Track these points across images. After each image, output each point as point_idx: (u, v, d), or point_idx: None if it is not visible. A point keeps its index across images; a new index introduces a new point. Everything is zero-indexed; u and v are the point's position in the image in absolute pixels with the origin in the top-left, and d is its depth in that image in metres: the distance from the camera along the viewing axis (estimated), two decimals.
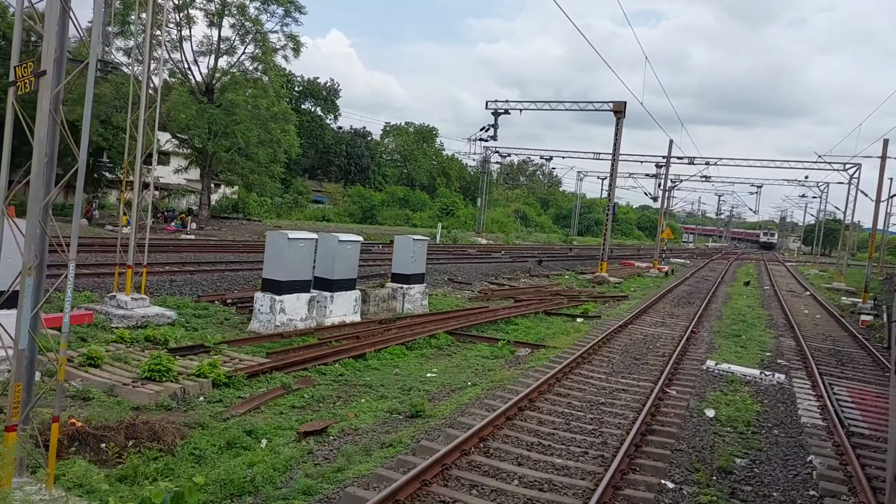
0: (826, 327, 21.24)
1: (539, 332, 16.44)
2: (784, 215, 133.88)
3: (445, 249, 37.90)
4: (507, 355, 13.58)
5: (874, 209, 28.22)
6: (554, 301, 21.61)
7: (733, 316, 21.51)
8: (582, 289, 27.43)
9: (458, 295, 22.14)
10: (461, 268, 28.71)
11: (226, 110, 36.54)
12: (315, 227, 45.18)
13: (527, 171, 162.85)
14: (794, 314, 23.53)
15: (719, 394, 11.33)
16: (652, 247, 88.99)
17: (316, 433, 8.05)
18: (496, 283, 26.67)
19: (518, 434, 8.17)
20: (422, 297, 17.69)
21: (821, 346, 17.44)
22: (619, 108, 31.31)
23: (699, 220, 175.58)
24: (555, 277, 31.17)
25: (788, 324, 20.58)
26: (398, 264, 17.35)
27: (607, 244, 32.19)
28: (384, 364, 12.01)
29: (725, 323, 19.86)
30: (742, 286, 34.28)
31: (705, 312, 21.83)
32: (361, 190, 70.27)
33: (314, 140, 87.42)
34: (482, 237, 55.49)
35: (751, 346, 16.22)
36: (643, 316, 19.85)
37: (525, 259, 36.26)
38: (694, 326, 18.18)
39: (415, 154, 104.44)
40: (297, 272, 13.52)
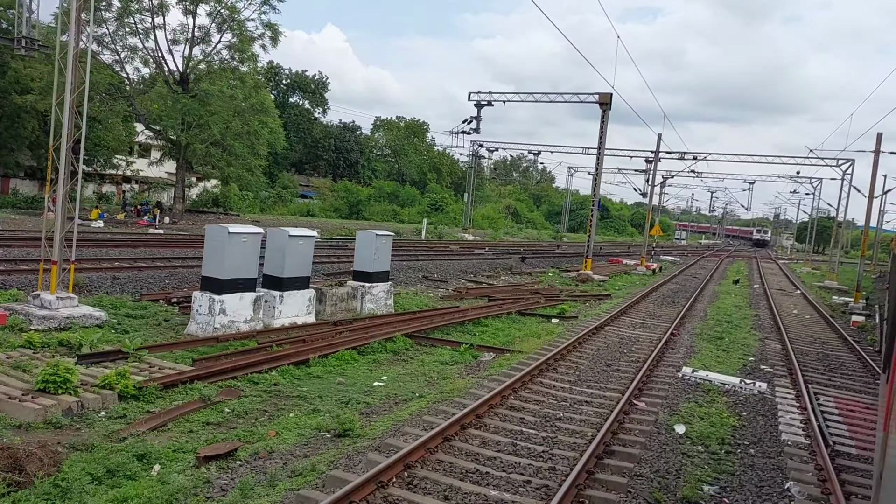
0: (815, 329, 20.27)
1: (509, 334, 15.39)
2: (778, 212, 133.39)
3: (427, 246, 36.84)
4: (469, 361, 12.52)
5: (867, 206, 27.29)
6: (530, 300, 20.58)
7: (718, 317, 20.52)
8: (564, 287, 26.40)
9: (431, 294, 21.08)
10: (440, 265, 27.65)
11: (200, 101, 35.34)
12: (296, 223, 44.06)
13: (520, 167, 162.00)
14: (783, 315, 22.56)
15: (693, 405, 10.31)
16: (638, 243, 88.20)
17: (219, 457, 6.98)
18: (474, 280, 25.62)
19: (454, 459, 7.12)
20: (386, 296, 16.62)
21: (808, 349, 16.45)
22: (605, 99, 30.26)
23: (693, 217, 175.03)
24: (538, 275, 30.14)
25: (775, 325, 19.59)
26: (360, 261, 16.26)
27: (592, 241, 31.17)
28: (329, 371, 10.94)
29: (709, 324, 18.86)
30: (731, 284, 33.34)
31: (689, 313, 20.84)
32: (348, 185, 69.12)
33: (302, 134, 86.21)
34: (469, 233, 54.45)
35: (733, 350, 15.21)
36: (623, 316, 18.83)
37: (509, 256, 35.22)
38: (675, 328, 17.18)
39: (405, 149, 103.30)
40: (239, 269, 12.43)
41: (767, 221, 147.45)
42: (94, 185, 50.55)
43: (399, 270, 24.01)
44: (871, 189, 27.11)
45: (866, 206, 27.33)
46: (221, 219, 40.27)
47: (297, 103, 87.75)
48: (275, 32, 37.80)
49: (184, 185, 38.00)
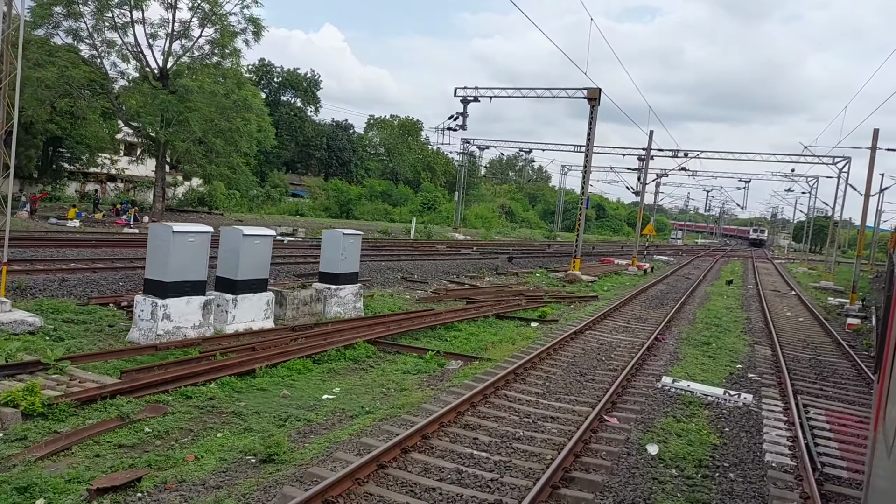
0: (808, 332, 19.40)
1: (483, 339, 14.51)
2: (775, 212, 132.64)
3: (413, 245, 35.94)
4: (433, 370, 11.63)
5: (863, 204, 26.44)
6: (511, 303, 19.69)
7: (707, 320, 19.65)
8: (550, 288, 25.53)
9: (409, 296, 20.19)
10: (422, 265, 26.76)
11: (180, 97, 34.37)
12: (281, 222, 43.16)
13: (516, 166, 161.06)
14: (775, 317, 21.70)
15: (671, 420, 9.44)
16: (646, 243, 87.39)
17: (117, 489, 6.08)
18: (456, 282, 24.73)
19: (385, 491, 6.23)
20: (355, 298, 15.71)
21: (800, 355, 15.58)
22: (593, 95, 29.37)
23: (691, 216, 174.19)
24: (524, 276, 29.26)
25: (767, 329, 18.72)
26: (326, 262, 15.36)
27: (580, 240, 30.28)
28: (276, 383, 10.05)
29: (697, 328, 17.98)
30: (724, 286, 32.49)
31: (677, 316, 19.97)
32: (338, 183, 68.19)
33: (294, 132, 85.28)
34: (460, 232, 53.56)
35: (720, 357, 14.34)
36: (606, 320, 17.96)
37: (496, 256, 34.34)
38: (660, 332, 16.31)
39: (399, 148, 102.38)
40: (186, 271, 11.53)
41: (765, 221, 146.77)
42: (76, 184, 49.61)
43: (377, 271, 23.14)
44: (868, 187, 26.26)
45: (863, 204, 26.51)
46: (203, 218, 39.32)
47: (289, 101, 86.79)
48: (258, 27, 36.78)
49: (163, 183, 36.99)
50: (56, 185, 46.36)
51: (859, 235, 26.93)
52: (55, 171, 48.42)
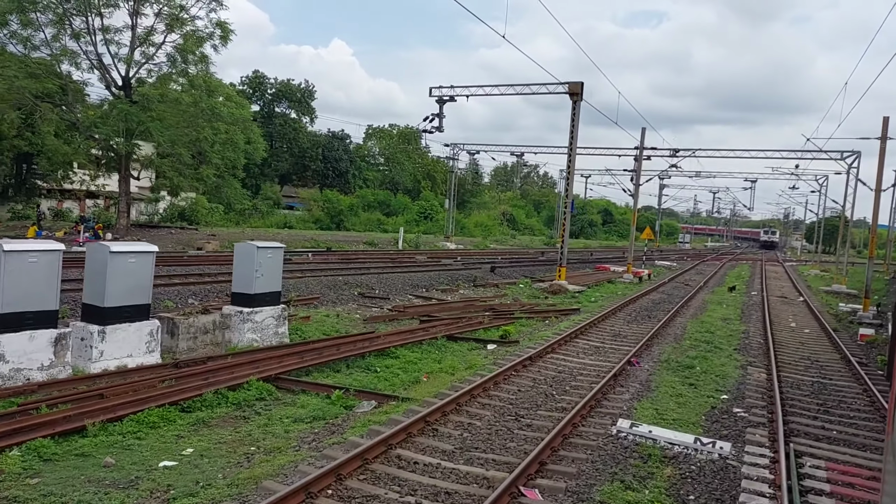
0: (813, 348, 16.91)
1: (420, 368, 12.21)
2: (787, 213, 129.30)
3: (390, 257, 33.69)
4: (336, 415, 9.34)
5: (874, 199, 23.94)
6: (473, 320, 17.37)
7: (698, 335, 17.22)
8: (529, 301, 23.21)
9: (360, 314, 17.93)
10: (392, 279, 24.50)
11: (142, 106, 32.44)
12: (258, 235, 41.11)
13: (521, 172, 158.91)
14: (777, 330, 19.24)
15: (617, 487, 7.09)
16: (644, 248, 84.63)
17: None
18: (423, 296, 22.44)
19: None
20: (277, 322, 13.46)
21: (801, 378, 13.13)
22: (575, 90, 27.09)
23: (703, 219, 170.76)
24: (505, 287, 26.93)
25: (765, 345, 16.26)
26: (239, 281, 13.13)
27: (565, 247, 27.89)
28: (111, 443, 7.80)
29: (683, 346, 15.57)
30: (725, 293, 29.97)
31: (663, 331, 17.56)
32: (329, 194, 66.17)
33: (288, 144, 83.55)
34: (452, 241, 51.30)
35: (703, 385, 11.94)
36: (578, 339, 15.60)
37: (481, 266, 32.06)
38: (637, 354, 13.95)
39: (398, 157, 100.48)
40: (26, 299, 9.35)
41: (777, 222, 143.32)
42: (48, 202, 47.84)
43: (333, 287, 20.90)
44: (879, 180, 23.75)
45: (874, 199, 23.99)
46: (173, 234, 37.34)
47: (283, 113, 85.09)
48: (225, 31, 34.88)
49: (128, 198, 34.97)
50: (28, 203, 44.57)
51: (871, 234, 24.38)
52: (28, 188, 46.75)
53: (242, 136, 61.22)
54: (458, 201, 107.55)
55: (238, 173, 62.87)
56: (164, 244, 31.47)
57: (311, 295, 19.28)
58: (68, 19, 32.90)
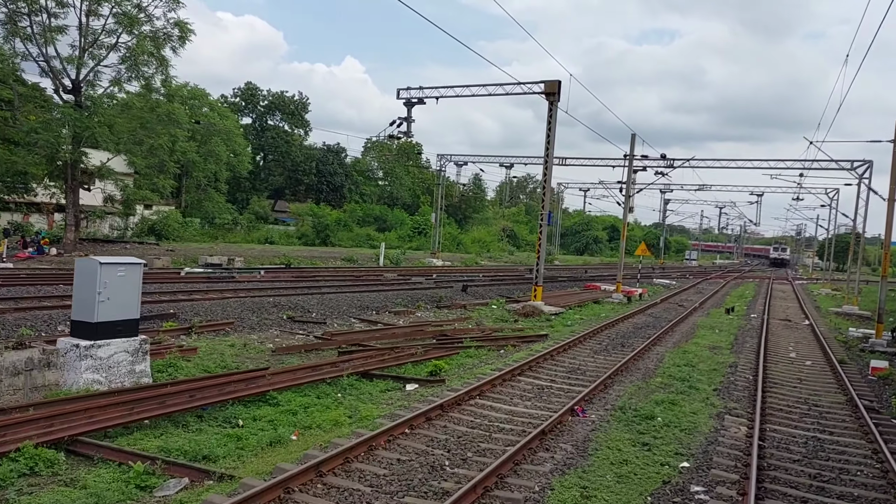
0: (814, 386, 13.99)
1: (297, 421, 9.49)
2: (800, 229, 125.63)
3: (354, 274, 30.99)
4: (125, 501, 6.62)
5: (887, 210, 20.99)
6: (406, 351, 14.61)
7: (674, 369, 14.35)
8: (493, 325, 20.47)
9: (275, 343, 15.21)
10: (342, 299, 21.80)
11: (90, 111, 30.12)
12: (229, 251, 38.61)
13: (526, 187, 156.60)
14: (773, 361, 16.34)
15: None
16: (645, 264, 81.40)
17: None
18: (369, 319, 19.69)
19: None
20: (133, 359, 10.76)
21: (792, 433, 10.26)
22: (552, 89, 24.47)
23: (713, 236, 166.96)
24: (475, 308, 24.17)
25: (754, 383, 13.38)
26: (80, 306, 10.45)
27: (541, 264, 25.08)
28: None
29: (651, 385, 12.72)
30: (722, 314, 27.01)
31: (633, 364, 14.72)
32: (315, 208, 63.71)
33: (281, 157, 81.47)
34: (439, 258, 48.58)
35: (660, 446, 9.10)
36: (524, 375, 12.81)
37: (454, 284, 29.31)
38: (589, 396, 11.15)
39: (396, 171, 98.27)
40: None
41: (790, 239, 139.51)
42: (14, 216, 45.58)
43: (258, 310, 18.21)
44: (893, 189, 20.82)
45: (887, 209, 21.03)
46: (128, 248, 34.89)
47: (276, 125, 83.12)
48: (183, 31, 32.54)
49: (76, 210, 32.53)
50: None
51: (884, 250, 21.40)
52: None
53: (225, 148, 59.43)
54: (461, 217, 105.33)
55: (221, 186, 60.80)
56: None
57: (225, 320, 16.61)
58: (14, 20, 30.71)
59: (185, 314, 16.36)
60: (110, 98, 31.08)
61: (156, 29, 32.64)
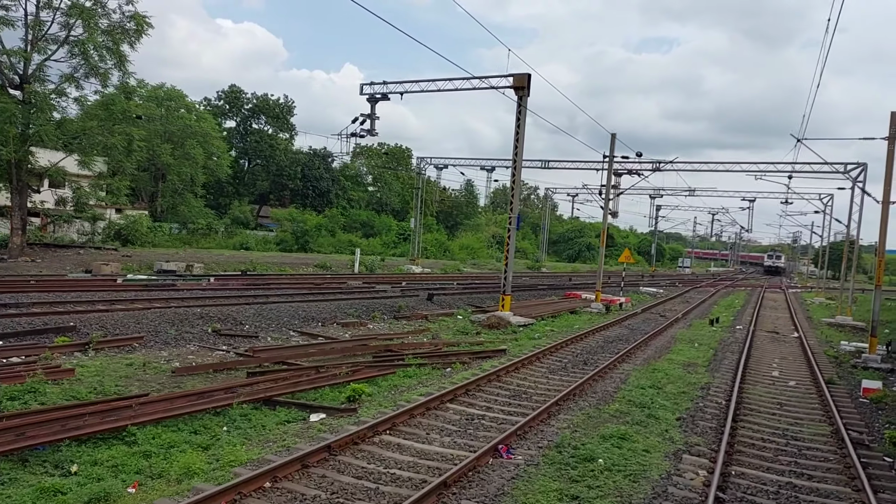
0: (796, 413, 12.17)
1: (142, 467, 7.68)
2: (796, 236, 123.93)
3: (313, 281, 29.12)
4: None
5: (881, 213, 19.23)
6: (330, 372, 12.77)
7: (637, 392, 12.53)
8: (452, 338, 18.67)
9: (183, 362, 13.36)
10: (286, 309, 19.94)
11: (38, 107, 28.32)
12: (190, 257, 36.75)
13: (521, 194, 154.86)
14: (752, 382, 14.53)
15: None
16: (636, 272, 79.63)
17: None
18: (310, 332, 17.84)
19: None
20: None
21: (762, 477, 8.43)
22: (521, 83, 22.71)
23: (710, 244, 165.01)
24: (437, 319, 22.36)
25: (726, 410, 11.55)
26: None
27: (509, 272, 23.24)
28: None
29: (604, 414, 10.89)
30: (706, 326, 25.20)
31: (590, 386, 12.90)
32: (295, 212, 61.87)
33: (265, 161, 79.70)
34: (418, 264, 46.73)
35: (593, 500, 7.25)
36: (456, 401, 10.98)
37: (419, 293, 27.48)
38: (522, 430, 9.33)
39: (385, 177, 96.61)
40: None
41: (787, 247, 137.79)
42: None
43: (179, 322, 16.34)
44: (887, 190, 19.02)
45: (881, 211, 19.26)
46: (81, 254, 33.02)
47: (261, 129, 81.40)
48: (139, 24, 30.78)
49: (23, 212, 30.65)
50: None
51: (878, 257, 19.60)
52: None
53: (202, 151, 57.58)
54: (452, 223, 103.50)
55: (197, 190, 58.93)
56: (50, 266, 27.13)
57: (136, 333, 14.75)
58: None
59: (88, 327, 14.51)
60: (59, 95, 29.27)
61: (112, 23, 30.93)
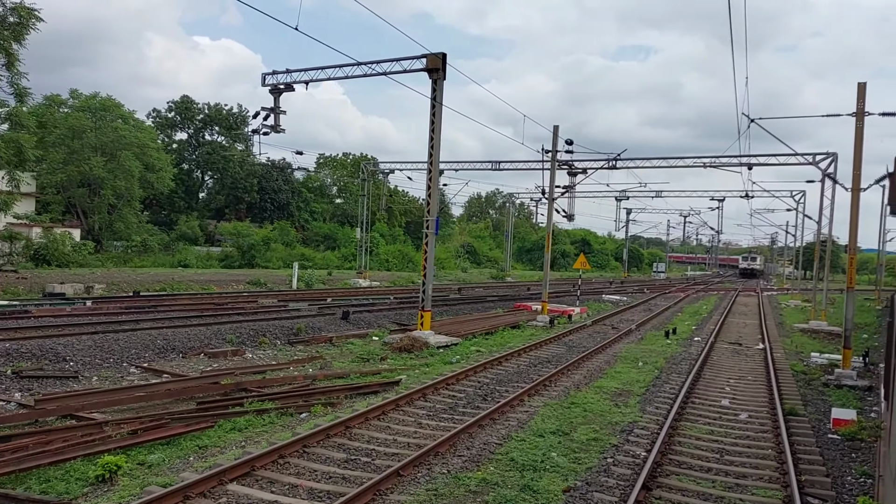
0: (740, 467, 8.96)
1: None
2: (774, 238, 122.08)
3: (215, 302, 25.53)
4: None
5: (851, 201, 16.22)
6: (94, 436, 9.43)
7: (529, 443, 9.29)
8: (345, 367, 15.41)
9: None
10: (160, 335, 16.52)
11: None
12: (97, 279, 33.18)
13: (496, 202, 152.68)
14: (692, 417, 11.34)
15: None
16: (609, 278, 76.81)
17: None
18: (153, 368, 14.41)
19: None
20: None
21: None
22: (435, 64, 19.60)
23: (690, 247, 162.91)
24: (344, 342, 19.06)
25: (640, 467, 8.32)
26: None
27: (429, 284, 19.97)
28: None
29: (465, 485, 7.63)
30: (660, 339, 22.09)
31: (474, 433, 9.63)
32: (240, 226, 58.23)
33: (219, 174, 76.16)
34: (366, 278, 43.38)
35: None
36: (249, 477, 7.67)
37: (335, 312, 24.14)
38: None
39: (350, 187, 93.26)
40: None
41: (766, 248, 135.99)
42: None
43: None
44: (857, 172, 16.06)
45: (851, 201, 16.27)
46: None
47: (213, 140, 77.90)
48: (24, 17, 27.25)
49: None
50: None
51: (850, 253, 16.57)
52: None
53: (139, 163, 53.88)
54: (420, 234, 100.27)
55: (135, 204, 55.25)
56: None
57: None
58: None
59: None
60: None
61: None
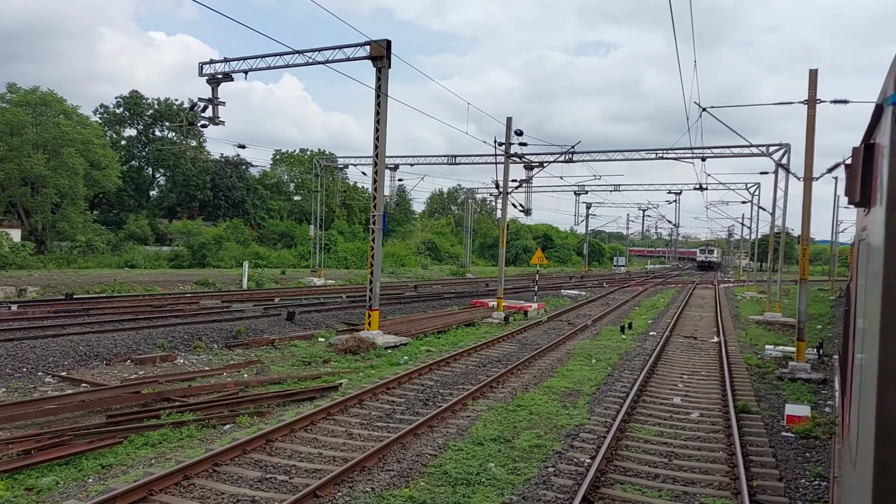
0: (688, 473, 8.36)
1: None
2: (731, 230, 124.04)
3: (154, 304, 24.22)
4: None
5: (804, 190, 15.90)
6: (22, 443, 8.40)
7: (466, 452, 8.55)
8: (284, 372, 14.47)
9: None
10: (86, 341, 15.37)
11: None
12: (41, 280, 31.50)
13: (457, 199, 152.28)
14: (641, 417, 10.74)
15: None
16: (570, 273, 76.83)
17: None
18: (71, 377, 13.30)
19: None
20: None
21: None
22: (379, 52, 18.72)
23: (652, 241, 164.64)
24: (287, 344, 18.09)
25: (584, 475, 7.63)
26: None
27: (376, 282, 19.14)
28: None
29: (399, 497, 6.83)
30: (616, 334, 21.62)
31: (408, 442, 8.84)
32: (190, 224, 56.44)
33: (170, 171, 73.92)
34: (320, 276, 42.24)
35: None
36: (171, 490, 6.74)
37: (281, 312, 23.11)
38: None
39: (307, 184, 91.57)
40: None
41: (723, 241, 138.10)
42: None
43: None
44: (808, 161, 15.74)
45: (803, 191, 15.94)
46: None
47: (164, 136, 75.57)
48: None
49: None
50: None
51: (802, 243, 16.23)
52: None
53: (83, 160, 51.78)
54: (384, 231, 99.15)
55: (79, 203, 53.08)
56: None
57: None
58: None
59: None
60: None
61: None
